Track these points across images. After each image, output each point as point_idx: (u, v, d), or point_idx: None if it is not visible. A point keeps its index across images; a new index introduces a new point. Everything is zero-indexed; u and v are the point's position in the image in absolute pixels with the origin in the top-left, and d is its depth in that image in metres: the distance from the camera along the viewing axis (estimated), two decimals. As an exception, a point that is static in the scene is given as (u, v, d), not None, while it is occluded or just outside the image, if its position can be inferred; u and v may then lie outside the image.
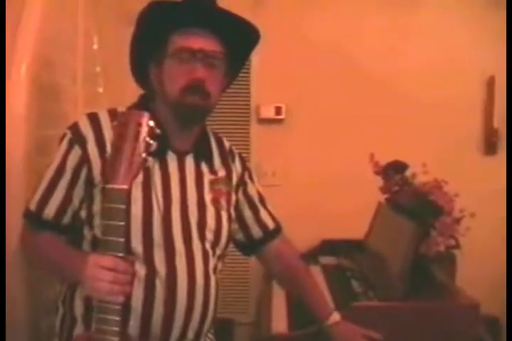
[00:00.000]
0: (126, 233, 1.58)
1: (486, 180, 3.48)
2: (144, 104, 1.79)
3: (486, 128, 3.65)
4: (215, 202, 1.82)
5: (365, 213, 3.09)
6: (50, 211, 1.71)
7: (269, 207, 2.04)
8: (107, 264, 1.40)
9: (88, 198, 1.70)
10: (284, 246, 2.08)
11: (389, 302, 2.30)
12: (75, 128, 1.72)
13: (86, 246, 1.71)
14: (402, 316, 2.21)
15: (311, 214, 3.53)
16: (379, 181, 2.85)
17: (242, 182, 1.97)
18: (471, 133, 3.66)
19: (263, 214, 2.02)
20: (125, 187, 1.38)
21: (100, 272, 1.40)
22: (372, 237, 3.06)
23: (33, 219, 1.73)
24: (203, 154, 1.86)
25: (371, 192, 2.91)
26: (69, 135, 1.72)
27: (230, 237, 1.88)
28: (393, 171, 2.71)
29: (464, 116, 3.58)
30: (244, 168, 2.00)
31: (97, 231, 1.67)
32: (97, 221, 1.68)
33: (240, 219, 1.98)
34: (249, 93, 3.67)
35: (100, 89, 2.72)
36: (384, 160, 2.80)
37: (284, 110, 3.63)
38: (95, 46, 2.67)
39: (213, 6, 1.73)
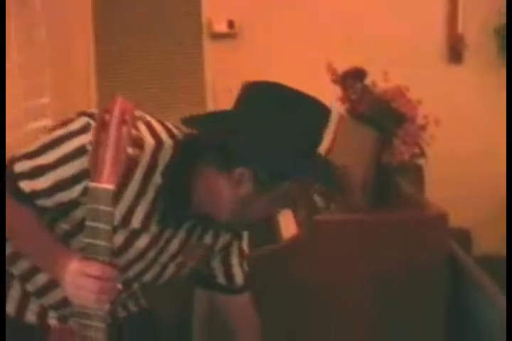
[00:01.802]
0: None
1: (450, 87, 3.38)
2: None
3: (450, 35, 3.52)
4: (181, 265, 1.65)
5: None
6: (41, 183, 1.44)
7: (245, 268, 1.81)
8: (93, 272, 1.27)
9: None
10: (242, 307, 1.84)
11: (351, 214, 2.20)
12: (91, 115, 1.42)
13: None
14: (366, 229, 2.12)
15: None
16: (339, 92, 2.72)
17: (224, 248, 1.75)
18: (434, 40, 3.52)
19: (236, 269, 1.80)
20: (110, 187, 1.24)
21: (86, 280, 1.28)
22: (335, 150, 2.95)
23: (14, 186, 1.44)
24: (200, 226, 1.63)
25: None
26: (86, 119, 1.41)
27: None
28: (352, 79, 2.57)
29: (426, 22, 3.45)
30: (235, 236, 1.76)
31: (73, 227, 1.47)
32: (77, 215, 1.45)
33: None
34: (200, 7, 3.48)
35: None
36: (343, 69, 2.66)
37: (236, 24, 3.45)
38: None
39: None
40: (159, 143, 1.46)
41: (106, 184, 1.24)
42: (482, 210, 3.57)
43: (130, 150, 1.28)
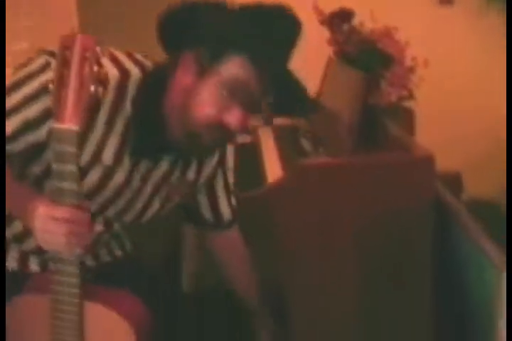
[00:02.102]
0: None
1: (439, 29, 3.32)
2: (160, 81, 1.46)
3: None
4: (167, 198, 1.63)
5: (315, 67, 2.91)
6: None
7: (233, 201, 1.81)
8: (61, 215, 1.24)
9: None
10: (231, 241, 1.87)
11: (336, 157, 2.18)
12: (51, 53, 1.37)
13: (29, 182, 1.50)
14: (350, 172, 2.10)
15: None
16: (327, 34, 2.67)
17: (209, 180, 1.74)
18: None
19: (224, 204, 1.79)
20: (74, 128, 1.21)
21: (54, 224, 1.25)
22: (324, 93, 2.92)
23: None
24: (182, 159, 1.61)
25: (320, 47, 2.73)
26: (45, 57, 1.38)
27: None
28: (339, 20, 2.52)
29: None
30: (221, 161, 1.74)
31: (43, 170, 1.45)
32: (47, 157, 1.40)
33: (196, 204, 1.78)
34: None
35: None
36: (330, 10, 2.61)
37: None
38: None
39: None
40: (125, 74, 1.44)
41: (69, 124, 1.21)
42: (475, 152, 3.55)
43: (93, 87, 1.23)
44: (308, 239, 2.01)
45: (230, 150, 1.75)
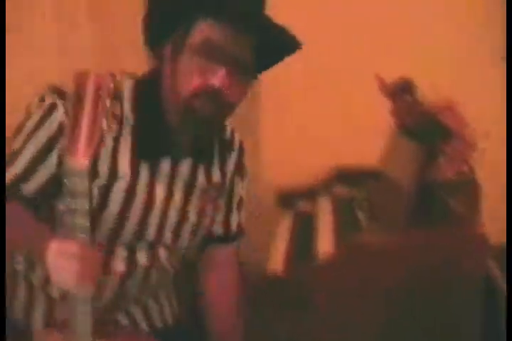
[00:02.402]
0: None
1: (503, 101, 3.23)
2: (154, 82, 1.53)
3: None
4: (200, 212, 1.64)
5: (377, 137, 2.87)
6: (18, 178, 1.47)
7: (242, 214, 1.80)
8: (71, 251, 1.23)
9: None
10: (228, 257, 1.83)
11: (391, 232, 2.13)
12: (52, 90, 1.45)
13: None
14: (402, 252, 2.05)
15: (324, 141, 3.35)
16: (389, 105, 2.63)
17: (236, 175, 1.76)
18: (488, 50, 3.38)
19: (234, 216, 1.78)
20: (85, 162, 1.22)
21: (64, 261, 1.24)
22: (385, 164, 2.88)
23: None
24: (202, 157, 1.64)
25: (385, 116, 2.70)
26: (52, 97, 1.44)
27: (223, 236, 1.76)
28: (400, 91, 2.48)
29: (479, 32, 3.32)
30: (239, 165, 1.76)
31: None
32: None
33: None
34: None
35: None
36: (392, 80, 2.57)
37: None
38: None
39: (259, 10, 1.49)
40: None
41: (81, 159, 1.21)
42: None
43: (105, 123, 1.31)
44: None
45: (245, 157, 1.77)
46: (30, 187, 1.44)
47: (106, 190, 1.46)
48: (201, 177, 1.62)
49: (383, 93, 2.58)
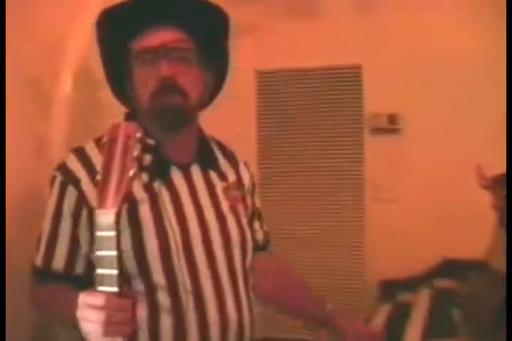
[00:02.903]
0: (145, 266, 1.48)
1: None
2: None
3: None
4: (233, 209, 1.65)
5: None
6: (58, 263, 1.53)
7: (264, 222, 1.83)
8: (96, 302, 1.20)
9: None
10: (269, 263, 1.81)
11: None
12: (63, 168, 1.54)
13: None
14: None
15: (431, 231, 3.26)
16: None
17: (251, 188, 1.78)
18: None
19: (256, 225, 1.79)
20: (113, 211, 1.21)
21: (89, 312, 1.21)
22: (490, 256, 2.76)
23: (42, 274, 1.56)
24: (207, 161, 1.68)
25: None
26: (59, 177, 1.54)
27: (253, 245, 1.71)
28: (500, 185, 2.39)
29: None
30: (251, 175, 1.80)
31: None
32: None
33: None
34: (361, 101, 3.45)
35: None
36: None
37: (399, 119, 3.38)
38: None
39: None
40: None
41: (110, 209, 1.21)
42: None
43: (133, 172, 1.26)
44: None
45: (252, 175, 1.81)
46: (78, 270, 1.52)
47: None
48: (215, 178, 1.65)
49: (481, 186, 2.50)
